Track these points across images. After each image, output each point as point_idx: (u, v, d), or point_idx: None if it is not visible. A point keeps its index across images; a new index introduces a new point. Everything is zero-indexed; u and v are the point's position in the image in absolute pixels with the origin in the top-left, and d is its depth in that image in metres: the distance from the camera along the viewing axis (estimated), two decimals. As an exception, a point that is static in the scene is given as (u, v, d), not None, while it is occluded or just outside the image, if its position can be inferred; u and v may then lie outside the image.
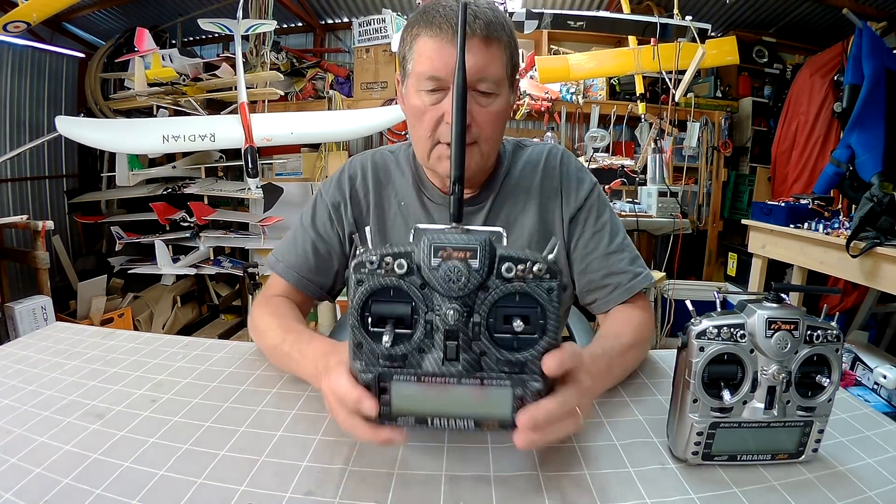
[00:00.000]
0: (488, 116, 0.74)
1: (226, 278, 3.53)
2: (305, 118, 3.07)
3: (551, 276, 0.43)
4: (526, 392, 0.44)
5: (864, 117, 2.38)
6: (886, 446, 0.57)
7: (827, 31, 3.55)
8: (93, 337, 0.85)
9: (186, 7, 3.61)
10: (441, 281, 0.43)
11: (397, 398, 0.46)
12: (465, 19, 0.50)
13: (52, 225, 2.42)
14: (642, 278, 0.82)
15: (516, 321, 0.43)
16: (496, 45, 0.72)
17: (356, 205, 0.88)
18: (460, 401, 0.45)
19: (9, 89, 3.21)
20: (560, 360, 0.44)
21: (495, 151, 0.82)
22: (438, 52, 0.71)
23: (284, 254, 0.88)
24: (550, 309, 0.44)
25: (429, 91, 0.73)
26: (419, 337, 0.44)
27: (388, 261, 0.43)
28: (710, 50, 2.57)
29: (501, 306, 0.44)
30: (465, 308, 0.43)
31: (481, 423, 0.46)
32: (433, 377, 0.45)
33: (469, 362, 0.44)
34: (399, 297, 0.44)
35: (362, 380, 0.46)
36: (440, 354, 0.44)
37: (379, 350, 0.44)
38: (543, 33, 3.55)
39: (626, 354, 0.69)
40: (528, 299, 0.43)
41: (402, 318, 0.44)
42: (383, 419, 0.46)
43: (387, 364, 0.45)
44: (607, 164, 3.31)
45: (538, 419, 0.44)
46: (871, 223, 1.78)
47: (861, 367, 2.10)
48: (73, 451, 0.54)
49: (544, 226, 0.86)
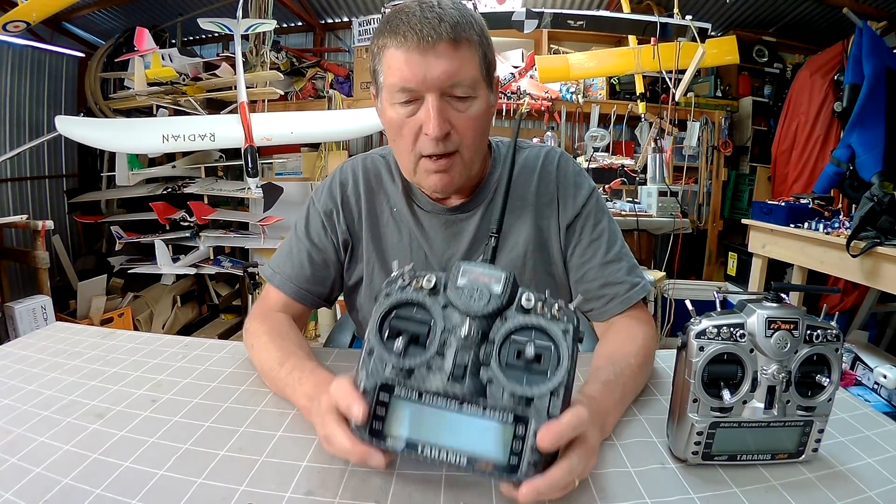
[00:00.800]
0: (468, 122, 0.72)
1: (226, 278, 3.53)
2: (305, 118, 3.06)
3: (568, 319, 0.43)
4: (527, 434, 0.42)
5: (864, 117, 2.38)
6: (886, 446, 0.57)
7: (827, 31, 3.54)
8: (93, 337, 0.85)
9: (186, 7, 3.61)
10: (463, 297, 0.44)
11: (393, 414, 0.44)
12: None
13: (51, 225, 2.42)
14: (640, 289, 0.80)
15: (528, 349, 0.43)
16: (466, 46, 0.69)
17: (348, 212, 0.86)
18: (457, 431, 0.43)
19: (9, 89, 3.21)
20: (557, 436, 0.41)
21: (479, 158, 0.79)
22: (407, 62, 0.68)
23: (280, 265, 0.86)
24: (564, 347, 0.42)
25: (402, 103, 0.71)
26: (431, 353, 0.44)
27: (418, 277, 0.46)
28: (710, 49, 2.57)
29: (515, 341, 0.43)
30: (481, 331, 0.43)
31: (475, 461, 0.42)
32: (435, 396, 0.43)
33: (474, 388, 0.43)
34: (420, 315, 0.45)
35: (364, 385, 0.44)
36: (447, 375, 0.43)
37: (388, 358, 0.44)
38: (543, 33, 3.55)
39: (637, 377, 0.66)
40: (543, 336, 0.43)
41: (418, 336, 0.45)
42: (373, 436, 0.44)
43: (392, 375, 0.44)
44: (607, 164, 3.31)
45: (540, 490, 0.41)
46: (872, 223, 1.78)
47: (861, 367, 2.10)
48: (73, 450, 0.54)
49: (540, 233, 0.84)
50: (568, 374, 0.42)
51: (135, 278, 3.17)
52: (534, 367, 0.43)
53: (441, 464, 0.43)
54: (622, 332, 0.76)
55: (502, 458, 0.42)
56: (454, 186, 0.77)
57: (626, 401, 0.63)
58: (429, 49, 0.67)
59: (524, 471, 0.41)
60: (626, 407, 0.63)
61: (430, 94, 0.68)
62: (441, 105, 0.69)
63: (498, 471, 0.42)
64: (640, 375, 0.67)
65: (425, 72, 0.67)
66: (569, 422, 0.42)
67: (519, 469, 0.42)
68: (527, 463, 0.41)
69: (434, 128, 0.69)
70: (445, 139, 0.71)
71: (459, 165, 0.75)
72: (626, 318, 0.79)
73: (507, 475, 0.42)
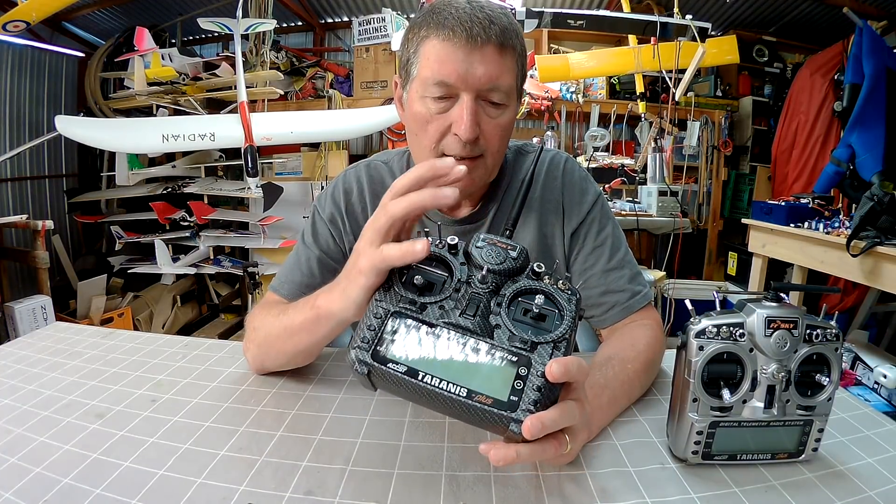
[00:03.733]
0: (496, 129, 0.71)
1: (225, 278, 3.53)
2: (305, 117, 3.07)
3: (572, 293, 0.46)
4: (529, 374, 0.43)
5: (864, 116, 2.38)
6: (886, 446, 0.57)
7: (827, 30, 3.54)
8: (93, 337, 0.85)
9: (186, 6, 3.61)
10: (482, 254, 0.47)
11: (400, 340, 0.44)
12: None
13: (51, 224, 2.42)
14: (641, 297, 0.79)
15: (537, 299, 0.45)
16: (510, 55, 0.68)
17: (353, 220, 0.85)
18: (460, 364, 0.44)
19: (9, 89, 3.21)
20: (565, 367, 0.42)
21: (499, 164, 0.78)
22: (450, 56, 0.66)
23: (288, 275, 0.83)
24: (567, 309, 0.45)
25: (435, 98, 0.69)
26: (446, 294, 0.46)
27: (441, 238, 0.49)
28: (711, 49, 2.57)
29: (524, 300, 0.46)
30: (494, 283, 0.46)
31: (473, 394, 0.42)
32: (444, 327, 0.44)
33: (482, 326, 0.45)
34: (440, 270, 0.48)
35: (375, 310, 0.46)
36: (459, 312, 0.45)
37: (403, 293, 0.46)
38: (543, 32, 3.55)
39: (632, 383, 0.65)
40: (549, 301, 0.46)
41: (433, 284, 0.47)
42: (375, 359, 0.44)
43: (405, 306, 0.45)
44: (607, 164, 3.31)
45: (544, 422, 0.41)
46: (872, 222, 1.78)
47: (861, 367, 2.10)
48: (73, 450, 0.54)
49: (544, 240, 0.83)
50: (570, 331, 0.45)
51: (135, 278, 3.17)
52: (539, 323, 0.45)
53: (438, 394, 0.43)
54: (623, 337, 0.75)
55: (503, 395, 0.43)
56: (470, 190, 0.77)
57: (615, 406, 0.62)
58: (475, 49, 0.65)
59: (523, 407, 0.42)
60: (615, 413, 0.62)
61: (467, 95, 0.67)
62: (475, 107, 0.68)
63: (496, 406, 0.42)
64: (635, 382, 0.66)
65: (467, 70, 0.66)
66: (574, 360, 0.43)
67: (518, 406, 0.42)
68: (527, 400, 0.42)
69: (466, 129, 0.67)
70: (474, 143, 0.70)
71: (482, 169, 0.74)
72: (631, 323, 0.78)
73: (505, 411, 0.42)
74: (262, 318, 0.71)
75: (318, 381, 0.71)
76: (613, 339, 0.76)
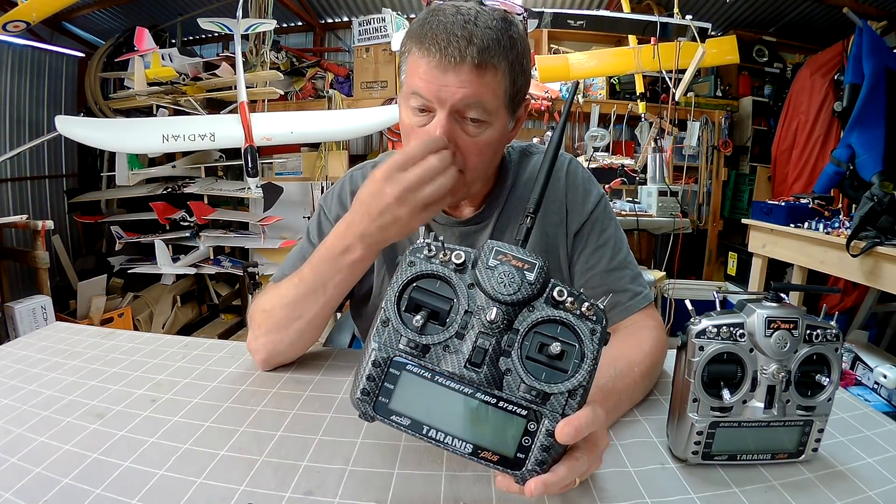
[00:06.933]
0: (474, 147, 0.69)
1: (226, 278, 3.53)
2: (305, 117, 3.06)
3: (597, 319, 0.42)
4: (538, 430, 0.41)
5: (864, 117, 2.38)
6: (886, 446, 0.57)
7: (827, 31, 3.54)
8: (93, 337, 0.85)
9: (186, 6, 3.61)
10: (494, 281, 0.42)
11: (402, 391, 0.42)
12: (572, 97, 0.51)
13: (51, 225, 2.42)
14: (642, 298, 0.79)
15: (553, 346, 0.41)
16: (491, 73, 0.65)
17: None
18: (466, 418, 0.41)
19: (9, 89, 3.21)
20: (576, 429, 0.40)
21: (482, 179, 0.77)
22: (427, 72, 0.65)
23: (290, 269, 0.82)
24: (589, 349, 0.41)
25: (416, 109, 0.69)
26: (450, 333, 0.42)
27: (447, 251, 0.43)
28: (710, 49, 2.57)
29: (540, 332, 0.42)
30: (506, 318, 0.42)
31: (479, 450, 0.41)
32: (449, 379, 0.41)
33: (490, 377, 0.41)
34: (443, 291, 0.43)
35: (375, 357, 0.42)
36: (464, 358, 0.41)
37: (404, 332, 0.42)
38: (543, 32, 3.55)
39: (637, 386, 0.65)
40: (569, 333, 0.42)
41: (437, 314, 0.42)
42: (377, 411, 0.42)
43: (406, 350, 0.42)
44: (607, 164, 3.31)
45: (548, 485, 0.41)
46: (872, 223, 1.78)
47: (861, 367, 2.10)
48: (73, 450, 0.54)
49: (547, 240, 0.83)
50: (589, 376, 0.41)
51: (135, 278, 3.17)
52: (555, 363, 0.41)
53: (444, 448, 0.41)
54: (630, 337, 0.74)
55: (509, 452, 0.41)
56: (453, 202, 0.77)
57: (620, 409, 0.62)
58: (449, 68, 0.64)
59: (529, 467, 0.41)
60: (618, 416, 0.62)
61: (441, 111, 0.66)
62: (450, 125, 0.66)
63: (502, 464, 0.41)
64: (640, 384, 0.66)
65: (439, 88, 0.65)
66: (587, 418, 0.41)
67: (525, 465, 0.41)
68: (534, 460, 0.41)
69: None
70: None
71: (460, 184, 0.72)
72: (635, 323, 0.78)
73: (510, 469, 0.41)
74: (268, 299, 0.75)
75: (319, 381, 0.71)
76: (619, 339, 0.75)
